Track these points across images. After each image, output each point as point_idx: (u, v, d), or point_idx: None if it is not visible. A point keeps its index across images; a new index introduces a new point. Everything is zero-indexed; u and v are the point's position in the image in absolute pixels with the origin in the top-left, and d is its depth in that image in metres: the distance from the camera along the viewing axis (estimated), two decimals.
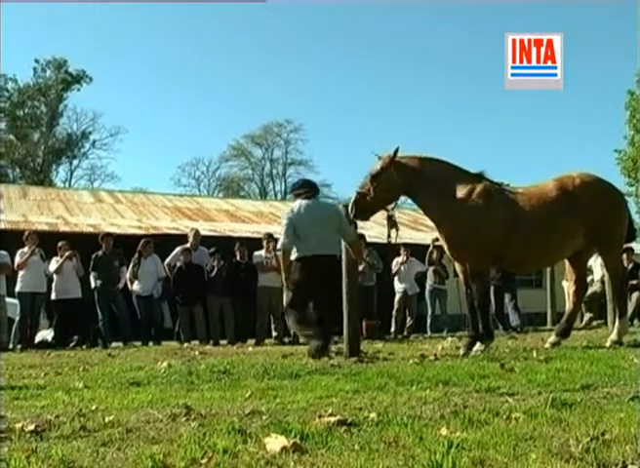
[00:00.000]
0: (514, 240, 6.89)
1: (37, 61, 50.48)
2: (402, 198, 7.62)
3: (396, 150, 6.98)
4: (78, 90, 51.68)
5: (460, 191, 6.96)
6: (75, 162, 53.71)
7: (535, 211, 6.92)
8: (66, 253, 11.39)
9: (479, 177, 7.11)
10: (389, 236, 7.42)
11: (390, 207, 7.32)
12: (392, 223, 7.37)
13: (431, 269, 13.45)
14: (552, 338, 7.28)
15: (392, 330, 12.81)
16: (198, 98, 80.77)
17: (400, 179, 6.94)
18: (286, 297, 8.02)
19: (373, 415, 3.15)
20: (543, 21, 51.20)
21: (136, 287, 11.83)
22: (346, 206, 7.27)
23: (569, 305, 7.53)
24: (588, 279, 11.61)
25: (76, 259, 11.50)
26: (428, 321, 13.66)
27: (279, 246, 7.44)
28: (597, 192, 7.08)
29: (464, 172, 7.17)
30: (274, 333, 11.61)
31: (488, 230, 6.83)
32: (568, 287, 7.73)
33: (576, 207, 6.89)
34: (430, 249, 13.16)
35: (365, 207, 7.03)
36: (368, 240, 12.38)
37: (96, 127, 53.37)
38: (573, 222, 6.92)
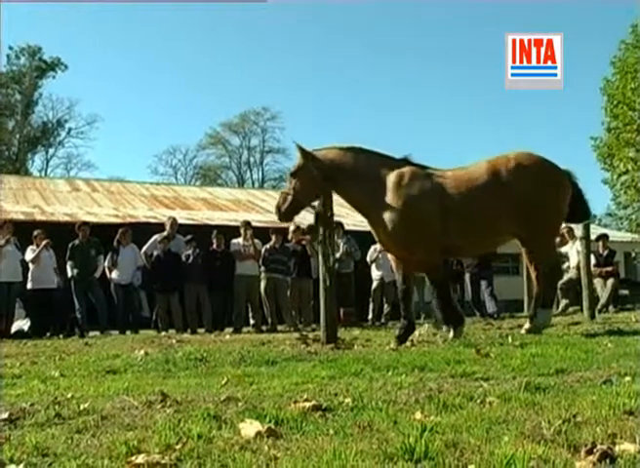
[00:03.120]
0: (451, 227, 6.64)
1: (11, 48, 49.83)
2: None
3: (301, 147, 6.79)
4: (53, 77, 51.30)
5: (387, 179, 6.69)
6: (51, 150, 53.31)
7: (464, 198, 6.63)
8: (43, 243, 11.29)
9: (405, 163, 6.84)
10: (322, 234, 7.13)
11: (317, 203, 7.10)
12: (322, 221, 7.12)
13: None
14: (527, 325, 7.25)
15: (369, 317, 12.82)
16: (175, 86, 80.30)
17: (319, 173, 6.70)
18: None
19: (348, 401, 3.17)
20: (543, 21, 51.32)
21: (114, 275, 11.77)
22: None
23: (536, 290, 7.33)
24: (564, 266, 11.72)
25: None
26: None
27: None
28: (531, 175, 6.70)
29: (388, 158, 6.91)
30: (252, 321, 11.61)
31: (425, 220, 6.61)
32: (530, 272, 7.47)
33: (505, 192, 6.60)
34: None
35: (288, 207, 6.84)
36: (347, 228, 12.41)
37: (72, 115, 52.99)
38: (502, 207, 6.62)
